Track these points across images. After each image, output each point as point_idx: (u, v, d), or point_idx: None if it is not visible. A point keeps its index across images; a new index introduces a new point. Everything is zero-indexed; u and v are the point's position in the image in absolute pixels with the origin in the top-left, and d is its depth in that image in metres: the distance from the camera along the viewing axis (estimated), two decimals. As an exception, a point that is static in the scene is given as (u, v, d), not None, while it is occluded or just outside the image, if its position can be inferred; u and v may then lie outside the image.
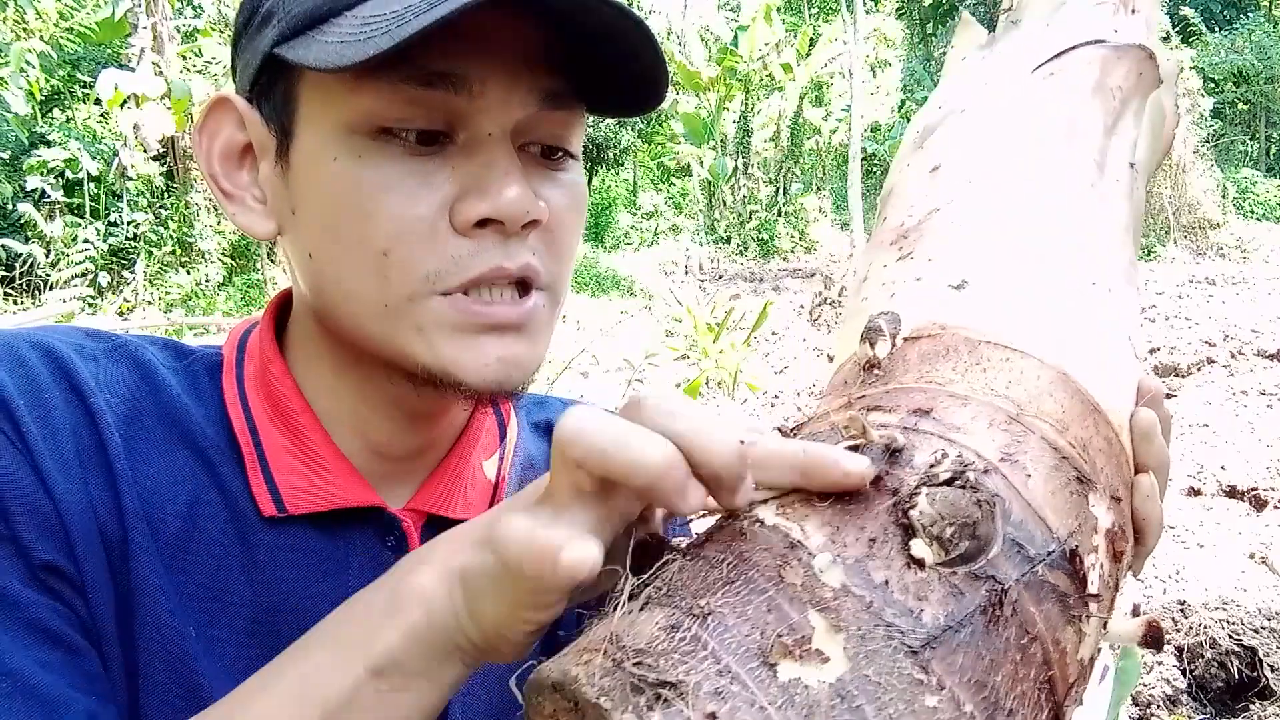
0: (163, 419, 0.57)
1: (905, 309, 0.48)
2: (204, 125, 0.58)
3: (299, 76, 0.54)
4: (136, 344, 0.59)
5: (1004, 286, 0.47)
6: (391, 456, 0.62)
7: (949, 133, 0.57)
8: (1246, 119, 15.17)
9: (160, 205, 10.25)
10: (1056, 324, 0.46)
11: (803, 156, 14.80)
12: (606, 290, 11.55)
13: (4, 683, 0.45)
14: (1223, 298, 8.41)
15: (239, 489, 0.57)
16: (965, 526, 0.35)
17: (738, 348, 6.14)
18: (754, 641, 0.32)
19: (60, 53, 9.65)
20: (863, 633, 0.32)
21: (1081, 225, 0.50)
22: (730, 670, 0.31)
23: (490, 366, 0.54)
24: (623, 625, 0.34)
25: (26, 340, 0.54)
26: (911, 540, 0.35)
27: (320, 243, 0.55)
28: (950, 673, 0.32)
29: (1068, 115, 0.54)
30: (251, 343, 0.62)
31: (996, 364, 0.43)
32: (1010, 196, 0.51)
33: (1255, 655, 2.86)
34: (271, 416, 0.59)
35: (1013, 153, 0.53)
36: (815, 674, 0.31)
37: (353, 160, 0.52)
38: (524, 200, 0.52)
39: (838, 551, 0.35)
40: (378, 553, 0.60)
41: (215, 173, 0.58)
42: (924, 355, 0.44)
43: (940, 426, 0.39)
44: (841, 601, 0.33)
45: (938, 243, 0.50)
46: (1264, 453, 4.41)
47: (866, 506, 0.36)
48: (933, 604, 0.33)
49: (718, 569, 0.35)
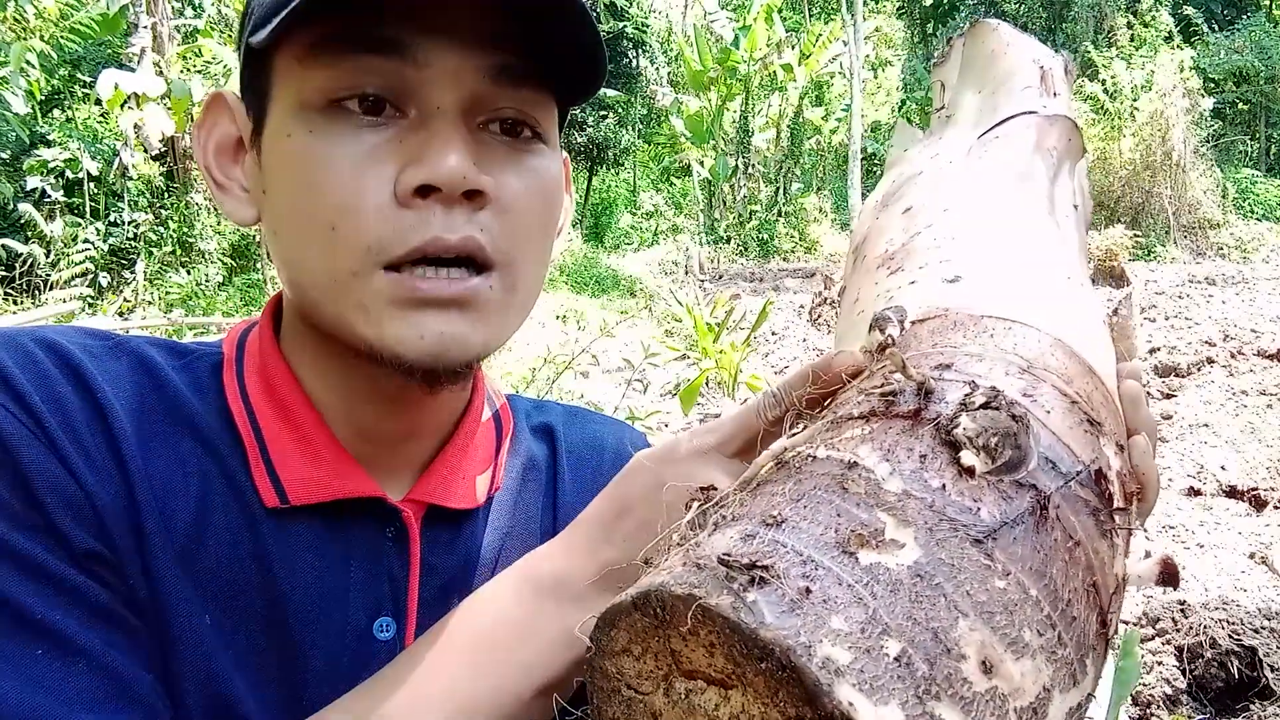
0: (168, 414, 0.57)
1: (908, 303, 0.52)
2: (202, 121, 0.60)
3: (269, 63, 0.55)
4: (136, 342, 0.60)
5: (993, 278, 0.53)
6: (377, 441, 0.63)
7: (912, 187, 0.66)
8: (1246, 119, 15.16)
9: (160, 205, 10.25)
10: (1045, 304, 0.51)
11: (803, 156, 14.80)
12: (606, 290, 11.55)
13: (79, 661, 0.47)
14: (1223, 298, 8.41)
15: (245, 482, 0.58)
16: (1007, 436, 0.38)
17: (738, 348, 6.14)
18: (830, 538, 0.34)
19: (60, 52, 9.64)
20: (930, 525, 0.35)
21: (1046, 240, 0.57)
22: (813, 559, 0.33)
23: (426, 340, 0.54)
24: (693, 546, 0.35)
25: (30, 337, 0.55)
26: (960, 452, 0.38)
27: (281, 220, 0.56)
28: (1012, 561, 0.35)
29: (1017, 166, 0.63)
30: (251, 340, 0.63)
31: (1000, 331, 0.47)
32: (983, 219, 0.58)
33: (1255, 655, 2.86)
34: (272, 410, 0.60)
35: (977, 191, 0.61)
36: (893, 559, 0.34)
37: (304, 135, 0.53)
38: (460, 167, 0.52)
39: (894, 466, 0.38)
40: (378, 543, 0.61)
41: (210, 165, 0.60)
42: (934, 330, 0.49)
43: (963, 375, 0.43)
44: (905, 503, 0.36)
45: (925, 255, 0.56)
46: (1264, 453, 4.41)
47: (912, 432, 0.40)
48: (987, 504, 0.37)
49: (778, 494, 0.38)
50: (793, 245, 13.93)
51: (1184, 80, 11.89)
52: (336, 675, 0.57)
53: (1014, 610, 0.34)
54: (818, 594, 0.31)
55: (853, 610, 0.31)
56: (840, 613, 0.31)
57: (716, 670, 0.33)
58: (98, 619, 0.49)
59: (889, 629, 0.31)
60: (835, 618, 0.31)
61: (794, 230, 14.10)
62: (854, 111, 11.74)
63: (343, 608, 0.59)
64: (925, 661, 0.31)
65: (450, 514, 0.64)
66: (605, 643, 0.36)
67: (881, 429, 0.41)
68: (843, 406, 0.44)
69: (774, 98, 14.68)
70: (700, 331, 6.19)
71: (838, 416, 0.44)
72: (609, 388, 6.51)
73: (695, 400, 5.05)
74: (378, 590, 0.60)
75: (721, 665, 0.32)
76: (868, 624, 0.31)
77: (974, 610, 0.33)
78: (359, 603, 0.59)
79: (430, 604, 0.62)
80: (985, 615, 0.33)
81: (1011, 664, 0.32)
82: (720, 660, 0.32)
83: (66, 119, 10.21)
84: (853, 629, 0.31)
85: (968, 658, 0.31)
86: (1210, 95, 12.91)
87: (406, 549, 0.61)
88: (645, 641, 0.34)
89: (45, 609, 0.47)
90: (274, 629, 0.57)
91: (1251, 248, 11.42)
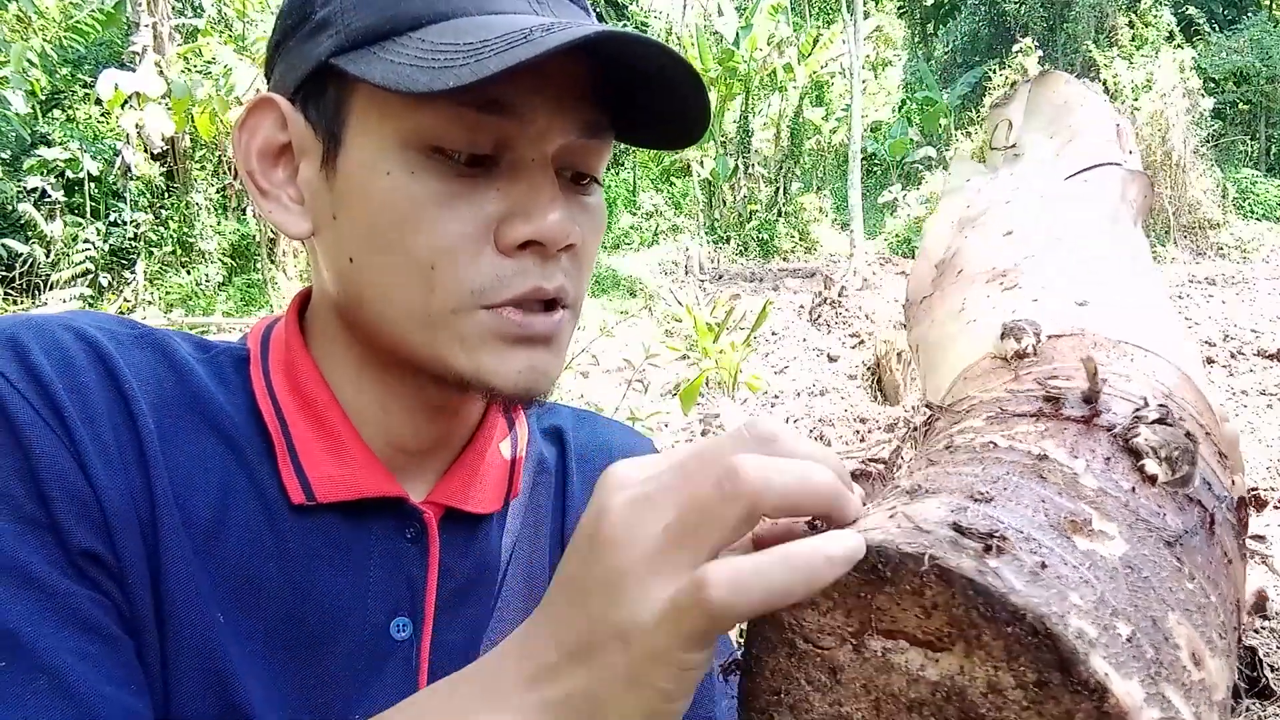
0: (191, 406, 0.57)
1: (1039, 319, 0.53)
2: (245, 122, 0.59)
3: (353, 88, 0.55)
4: (162, 333, 0.60)
5: (1119, 307, 0.55)
6: (410, 450, 0.64)
7: (1003, 212, 0.69)
8: (1247, 119, 15.16)
9: (160, 205, 10.26)
10: (1167, 340, 0.53)
11: (803, 156, 14.81)
12: (606, 290, 11.56)
13: (41, 680, 0.45)
14: (1223, 298, 8.42)
15: (268, 477, 0.58)
16: (1185, 452, 0.40)
17: (738, 348, 6.15)
18: (1042, 520, 0.35)
19: (61, 52, 9.65)
20: (1129, 522, 0.36)
21: (1144, 279, 0.61)
22: (1034, 539, 0.34)
23: (523, 375, 0.57)
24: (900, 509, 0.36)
25: (59, 323, 0.55)
26: (1143, 460, 0.39)
27: (364, 250, 0.56)
28: (1196, 567, 0.37)
29: (1108, 209, 0.66)
30: (276, 337, 0.63)
31: (1139, 358, 0.49)
32: (1091, 252, 0.62)
33: (1255, 655, 2.87)
34: (299, 408, 0.60)
35: (1077, 224, 0.65)
36: (1104, 548, 0.35)
37: (405, 175, 0.54)
38: (565, 225, 0.55)
39: (1086, 463, 0.39)
40: (398, 543, 0.61)
41: (253, 169, 0.60)
42: (1073, 347, 0.50)
43: (1118, 392, 0.44)
44: (1103, 499, 0.37)
45: (1044, 278, 0.59)
46: (1264, 453, 4.42)
47: (1090, 436, 0.41)
48: (1171, 512, 0.38)
49: (967, 474, 0.39)
50: (793, 245, 13.94)
51: (1184, 80, 11.89)
52: (352, 674, 0.58)
53: (1205, 612, 0.36)
54: (1051, 570, 0.32)
55: (1084, 590, 0.32)
56: (1075, 590, 0.32)
57: (926, 631, 0.33)
58: (73, 627, 0.48)
59: (1117, 611, 0.32)
60: (1073, 594, 0.32)
61: (794, 230, 14.11)
62: (854, 111, 11.73)
63: (361, 606, 0.59)
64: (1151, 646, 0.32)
65: (468, 517, 0.65)
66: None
67: (1057, 429, 0.42)
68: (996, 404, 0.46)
69: (774, 98, 14.69)
70: (700, 331, 6.20)
71: (999, 411, 0.44)
72: (609, 388, 6.51)
73: (695, 400, 5.05)
74: (396, 590, 0.60)
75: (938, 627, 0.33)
76: (1099, 604, 0.32)
77: (1178, 606, 0.34)
78: (377, 602, 0.60)
79: (446, 606, 0.62)
80: (1186, 612, 0.34)
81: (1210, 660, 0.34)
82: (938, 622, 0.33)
83: (67, 119, 10.22)
84: (1089, 607, 0.32)
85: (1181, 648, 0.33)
86: (1210, 95, 12.91)
87: (426, 550, 0.62)
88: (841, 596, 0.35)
89: (20, 618, 0.46)
90: (291, 626, 0.57)
91: (1251, 248, 11.43)
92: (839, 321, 8.72)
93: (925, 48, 21.23)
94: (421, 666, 0.60)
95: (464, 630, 0.64)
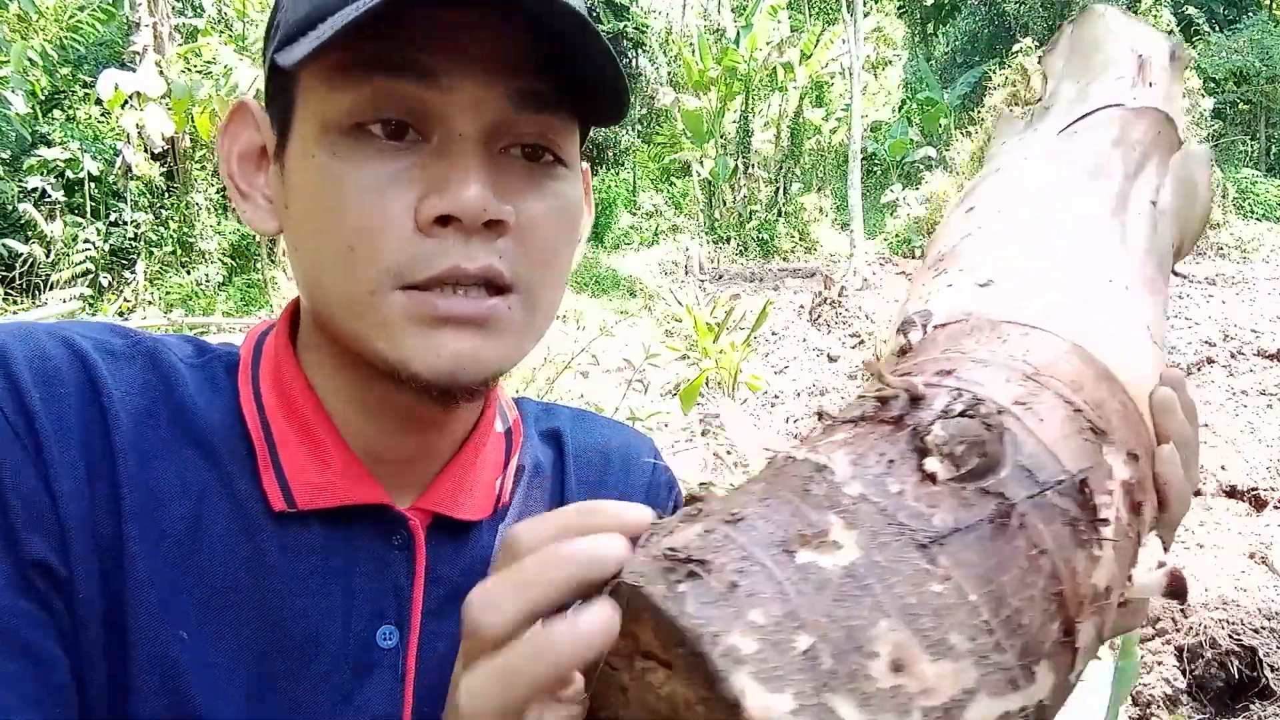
0: (174, 419, 0.57)
1: (937, 308, 0.53)
2: (226, 128, 0.60)
3: (293, 80, 0.56)
4: (157, 342, 0.60)
5: (1025, 282, 0.53)
6: (388, 461, 0.63)
7: (985, 184, 0.65)
8: (1247, 119, 15.16)
9: (160, 205, 10.26)
10: (1074, 310, 0.50)
11: (803, 156, 14.81)
12: (606, 290, 11.56)
13: None
14: (1223, 298, 8.42)
15: (249, 485, 0.58)
16: (974, 445, 0.39)
17: (738, 348, 6.15)
18: (777, 536, 0.36)
19: (61, 52, 9.65)
20: (875, 529, 0.36)
21: (1100, 242, 0.56)
22: (753, 556, 0.35)
23: (443, 359, 0.54)
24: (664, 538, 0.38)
25: (48, 332, 0.55)
26: (925, 459, 0.39)
27: (302, 237, 0.57)
28: (956, 566, 0.36)
29: (1090, 161, 0.61)
30: (268, 343, 0.63)
31: (1015, 338, 0.47)
32: (1035, 219, 0.58)
33: (1255, 655, 2.87)
34: (285, 413, 0.60)
35: (1039, 190, 0.61)
36: (829, 559, 0.35)
37: (329, 156, 0.54)
38: (481, 199, 0.53)
39: (859, 470, 0.39)
40: (384, 551, 0.60)
41: (234, 173, 0.61)
42: (950, 335, 0.49)
43: (960, 382, 0.44)
44: (859, 506, 0.37)
45: (967, 257, 0.57)
46: (1264, 453, 4.42)
47: (890, 438, 0.41)
48: (943, 511, 0.37)
49: (752, 492, 0.40)
50: (793, 245, 13.95)
51: (1184, 80, 11.88)
52: (337, 682, 0.57)
53: (944, 614, 0.35)
54: (744, 589, 0.34)
55: (773, 605, 0.33)
56: (760, 607, 0.33)
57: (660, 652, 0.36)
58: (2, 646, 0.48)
59: (804, 624, 0.33)
60: (754, 611, 0.33)
61: (794, 230, 14.12)
62: (854, 111, 11.73)
63: (346, 615, 0.59)
64: (832, 656, 0.33)
65: (457, 524, 0.64)
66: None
67: (864, 433, 0.42)
68: (848, 411, 0.45)
69: (774, 98, 14.69)
70: (700, 331, 6.21)
71: (835, 420, 0.45)
72: (609, 388, 6.52)
73: (695, 400, 5.05)
74: (382, 598, 0.60)
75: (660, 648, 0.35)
76: (784, 619, 0.33)
77: (899, 611, 0.34)
78: (362, 610, 0.59)
79: (434, 614, 0.61)
80: (909, 617, 0.34)
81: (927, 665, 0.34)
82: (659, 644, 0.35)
83: (67, 119, 10.21)
84: (767, 622, 0.33)
85: (878, 655, 0.33)
86: (1210, 95, 12.91)
87: (412, 558, 0.61)
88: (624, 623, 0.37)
89: None
90: (272, 634, 0.56)
91: (1251, 248, 11.42)
92: (839, 321, 8.73)
93: (925, 48, 21.24)
94: (408, 676, 0.60)
95: (452, 639, 0.63)
